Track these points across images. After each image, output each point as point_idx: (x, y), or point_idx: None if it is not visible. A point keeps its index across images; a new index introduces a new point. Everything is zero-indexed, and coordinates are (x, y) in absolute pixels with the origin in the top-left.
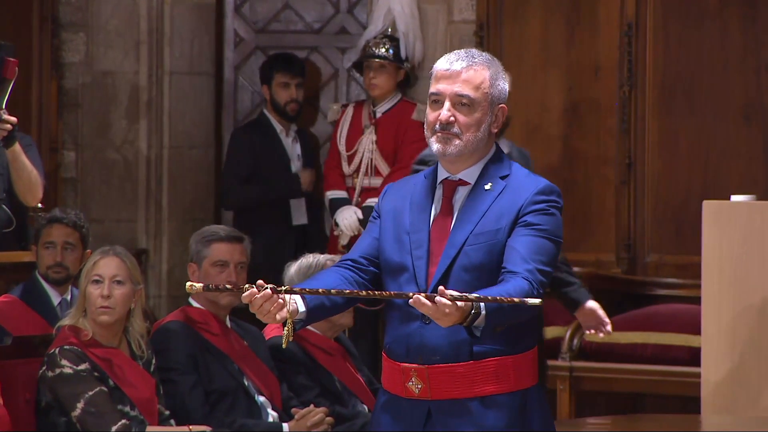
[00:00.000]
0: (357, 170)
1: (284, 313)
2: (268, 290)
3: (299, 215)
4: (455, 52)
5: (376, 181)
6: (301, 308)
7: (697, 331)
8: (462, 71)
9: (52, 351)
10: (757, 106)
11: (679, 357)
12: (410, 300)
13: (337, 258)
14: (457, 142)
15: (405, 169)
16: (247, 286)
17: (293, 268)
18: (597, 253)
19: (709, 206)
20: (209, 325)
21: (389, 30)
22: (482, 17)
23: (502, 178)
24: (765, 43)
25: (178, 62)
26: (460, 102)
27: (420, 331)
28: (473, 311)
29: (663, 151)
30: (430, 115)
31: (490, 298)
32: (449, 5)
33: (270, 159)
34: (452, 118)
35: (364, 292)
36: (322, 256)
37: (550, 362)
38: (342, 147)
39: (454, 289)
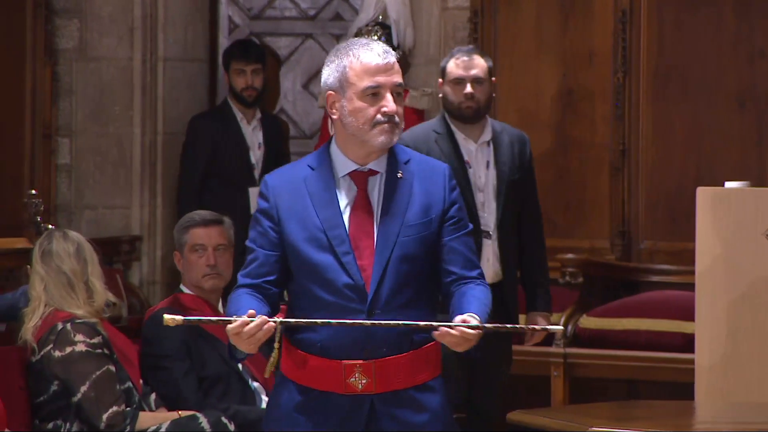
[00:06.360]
0: None
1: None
2: (264, 317)
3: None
4: (370, 42)
5: None
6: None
7: (690, 317)
8: (394, 63)
9: (61, 327)
10: (751, 93)
11: (673, 343)
12: (436, 333)
13: None
14: (397, 131)
15: None
16: (235, 317)
17: None
18: (591, 239)
19: (703, 193)
20: (202, 312)
21: (380, 17)
22: (476, 4)
23: (405, 163)
24: (759, 29)
25: (172, 48)
26: (397, 92)
27: (365, 325)
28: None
29: (657, 137)
30: (369, 109)
31: (509, 326)
32: None
33: (228, 147)
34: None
35: (368, 323)
36: None
37: (545, 349)
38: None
39: (389, 283)
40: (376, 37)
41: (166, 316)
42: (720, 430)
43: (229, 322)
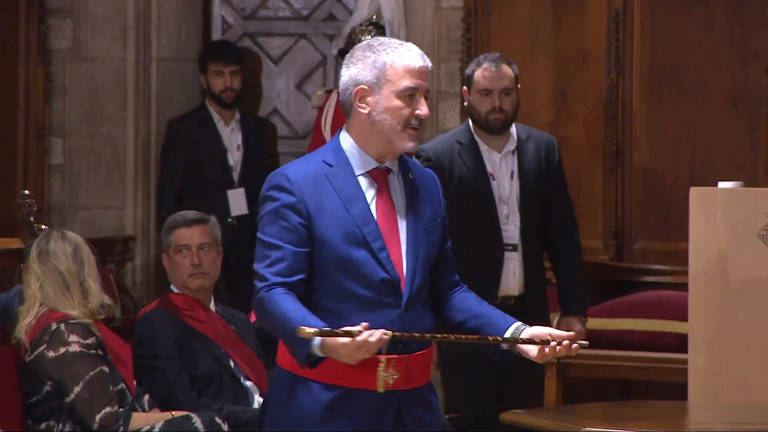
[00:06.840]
0: None
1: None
2: (381, 329)
3: (238, 206)
4: (405, 43)
5: None
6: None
7: (684, 317)
8: (429, 67)
9: (55, 328)
10: (744, 93)
11: (667, 344)
12: (553, 348)
13: None
14: (419, 138)
15: None
16: (357, 328)
17: None
18: (585, 239)
19: (696, 193)
20: (194, 311)
21: (374, 17)
22: (470, 4)
23: (407, 163)
24: (752, 29)
25: (165, 49)
26: (425, 97)
27: (401, 319)
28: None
29: (650, 138)
30: (406, 109)
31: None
32: None
33: (205, 149)
34: None
35: (476, 336)
36: None
37: None
38: (327, 133)
39: (418, 280)
40: (370, 38)
41: (304, 328)
42: (714, 430)
43: (351, 333)
